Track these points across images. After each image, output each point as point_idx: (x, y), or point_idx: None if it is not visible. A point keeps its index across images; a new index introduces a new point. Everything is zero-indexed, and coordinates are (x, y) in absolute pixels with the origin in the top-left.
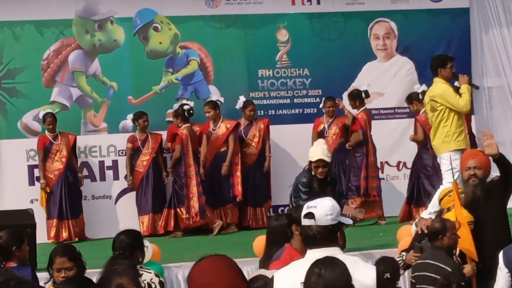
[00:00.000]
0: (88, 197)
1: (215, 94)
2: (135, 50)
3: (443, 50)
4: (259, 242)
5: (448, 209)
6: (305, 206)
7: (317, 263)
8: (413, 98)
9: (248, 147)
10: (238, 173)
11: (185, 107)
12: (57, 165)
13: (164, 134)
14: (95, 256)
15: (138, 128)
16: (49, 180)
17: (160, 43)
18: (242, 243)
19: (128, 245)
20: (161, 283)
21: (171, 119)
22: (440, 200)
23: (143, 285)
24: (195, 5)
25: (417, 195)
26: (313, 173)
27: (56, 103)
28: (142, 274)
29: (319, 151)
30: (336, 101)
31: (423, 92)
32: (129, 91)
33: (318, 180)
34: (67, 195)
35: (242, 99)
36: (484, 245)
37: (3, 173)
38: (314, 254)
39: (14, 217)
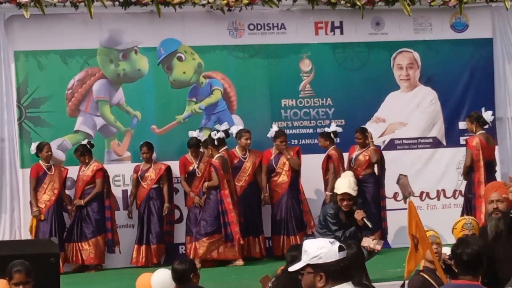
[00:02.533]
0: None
1: (238, 124)
2: (159, 80)
3: (466, 80)
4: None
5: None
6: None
7: None
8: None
9: (278, 176)
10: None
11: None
12: (48, 196)
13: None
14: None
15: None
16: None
17: (184, 72)
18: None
19: (183, 271)
20: None
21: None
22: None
23: None
24: (218, 35)
25: None
26: (338, 204)
27: (80, 132)
28: None
29: (346, 184)
30: (367, 133)
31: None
32: (152, 120)
33: (346, 211)
34: (57, 227)
35: (274, 128)
36: (506, 280)
37: (26, 201)
38: None
39: (38, 246)
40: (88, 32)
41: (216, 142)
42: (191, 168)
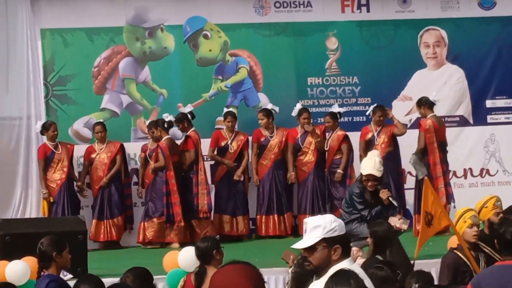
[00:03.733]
0: (137, 204)
1: (264, 102)
2: (185, 58)
3: (494, 58)
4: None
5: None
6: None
7: (329, 279)
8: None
9: (305, 155)
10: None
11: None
12: (58, 175)
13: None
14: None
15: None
16: (51, 190)
17: (210, 50)
18: None
19: (206, 249)
20: None
21: (220, 126)
22: (478, 213)
23: None
24: (245, 12)
25: None
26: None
27: (107, 110)
28: None
29: (371, 164)
30: (386, 110)
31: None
32: (178, 98)
33: (370, 191)
34: (70, 205)
35: (298, 106)
36: None
37: None
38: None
39: (65, 223)
40: (114, 10)
41: (166, 125)
42: (223, 143)
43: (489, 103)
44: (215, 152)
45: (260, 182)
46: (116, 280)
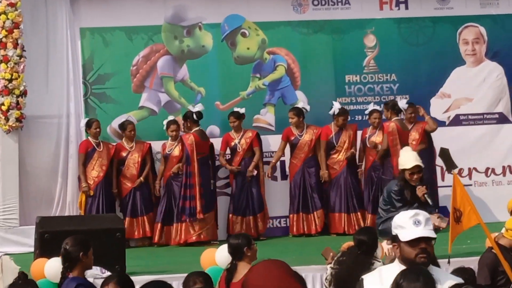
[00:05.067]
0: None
1: (302, 100)
2: (223, 56)
3: None
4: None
5: None
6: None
7: (400, 273)
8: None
9: (338, 154)
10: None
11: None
12: (96, 172)
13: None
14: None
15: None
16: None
17: (248, 48)
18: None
19: (237, 245)
20: None
21: (258, 124)
22: None
23: None
24: (282, 10)
25: None
26: (404, 181)
27: (145, 108)
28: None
29: (412, 157)
30: (417, 107)
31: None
32: (216, 96)
33: (411, 188)
34: (104, 203)
35: (337, 105)
36: None
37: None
38: None
39: (103, 221)
40: (153, 8)
41: (195, 117)
42: (232, 143)
43: None
44: (228, 155)
45: (292, 182)
46: (153, 277)
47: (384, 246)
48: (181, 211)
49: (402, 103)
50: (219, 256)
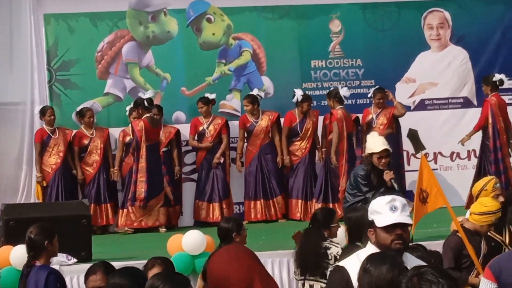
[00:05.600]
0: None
1: (267, 85)
2: (188, 42)
3: (498, 39)
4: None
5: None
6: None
7: (367, 258)
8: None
9: (301, 141)
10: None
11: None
12: (54, 159)
13: (186, 127)
14: None
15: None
16: (46, 174)
17: (213, 34)
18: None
19: (226, 230)
20: None
21: (225, 109)
22: (477, 196)
23: (330, 257)
24: None
25: None
26: (372, 165)
27: (110, 94)
28: (331, 247)
29: (380, 141)
30: (386, 92)
31: (501, 80)
32: (182, 82)
33: (377, 172)
34: (64, 190)
35: (299, 92)
36: None
37: None
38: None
39: (69, 208)
40: None
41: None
42: (200, 128)
43: None
44: (196, 139)
45: (248, 168)
46: (119, 264)
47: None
48: (126, 197)
49: (344, 91)
50: (186, 242)
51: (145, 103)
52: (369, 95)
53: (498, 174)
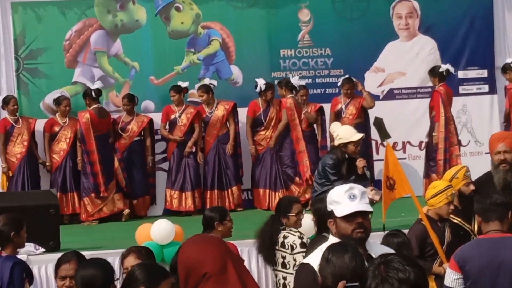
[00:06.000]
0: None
1: (236, 74)
2: (157, 30)
3: (466, 29)
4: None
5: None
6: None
7: (328, 249)
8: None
9: (266, 130)
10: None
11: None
12: (18, 149)
13: (155, 116)
14: None
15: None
16: (11, 164)
17: (182, 23)
18: None
19: (209, 218)
20: (303, 244)
21: (193, 99)
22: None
23: (287, 246)
24: None
25: None
26: (343, 154)
27: (78, 83)
28: (288, 236)
29: (353, 130)
30: (354, 82)
31: (447, 71)
32: (151, 71)
33: (345, 161)
34: (29, 180)
35: (261, 81)
36: None
37: None
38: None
39: (37, 197)
40: None
41: (94, 94)
42: (172, 117)
43: (461, 74)
44: (167, 128)
45: (206, 158)
46: (88, 254)
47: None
48: (85, 188)
49: (295, 80)
50: (154, 231)
51: (93, 93)
52: (338, 84)
53: (445, 163)
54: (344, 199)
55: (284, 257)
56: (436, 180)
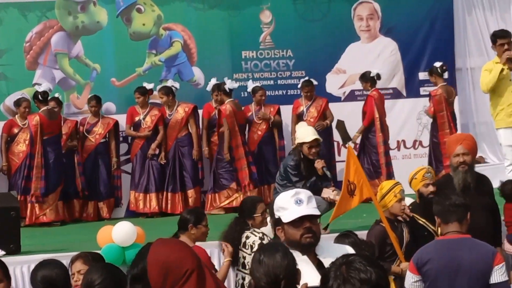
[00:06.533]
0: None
1: (198, 76)
2: (118, 32)
3: (426, 30)
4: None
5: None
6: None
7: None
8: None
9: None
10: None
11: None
12: (21, 147)
13: (120, 118)
14: None
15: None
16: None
17: (143, 24)
18: None
19: (184, 219)
20: (261, 245)
21: (155, 100)
22: (409, 184)
23: (247, 246)
24: None
25: None
26: (302, 155)
27: (39, 85)
28: (250, 237)
29: (311, 131)
30: (314, 85)
31: (377, 75)
32: (112, 73)
33: (306, 162)
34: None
35: (251, 84)
36: (474, 232)
37: None
38: None
39: None
40: None
41: (40, 97)
42: (136, 118)
43: (421, 75)
44: (132, 129)
45: (166, 160)
46: (48, 256)
47: None
48: (25, 192)
49: (229, 83)
50: (116, 233)
51: (39, 96)
52: (298, 87)
53: (388, 165)
54: (290, 205)
55: (244, 258)
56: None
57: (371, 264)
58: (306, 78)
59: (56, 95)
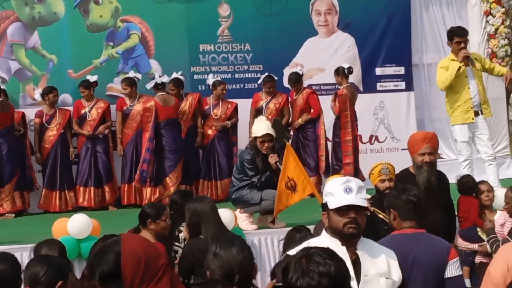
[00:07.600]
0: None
1: (156, 68)
2: (75, 23)
3: (384, 26)
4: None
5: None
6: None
7: (215, 244)
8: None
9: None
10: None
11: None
12: None
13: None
14: None
15: (47, 103)
16: None
17: (101, 16)
18: None
19: (145, 214)
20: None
21: (111, 93)
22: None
23: (181, 240)
24: None
25: None
26: (256, 149)
27: None
28: (183, 230)
29: (264, 126)
30: (275, 80)
31: (349, 69)
32: (69, 64)
33: (262, 157)
34: None
35: (211, 77)
36: (430, 228)
37: None
38: None
39: None
40: None
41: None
42: (82, 111)
43: (378, 71)
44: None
45: (124, 151)
46: (2, 248)
47: (238, 215)
48: None
49: (163, 78)
50: (71, 226)
51: None
52: (259, 82)
53: (356, 162)
54: (339, 192)
55: (176, 252)
56: None
57: (331, 258)
58: (267, 73)
59: (2, 86)
